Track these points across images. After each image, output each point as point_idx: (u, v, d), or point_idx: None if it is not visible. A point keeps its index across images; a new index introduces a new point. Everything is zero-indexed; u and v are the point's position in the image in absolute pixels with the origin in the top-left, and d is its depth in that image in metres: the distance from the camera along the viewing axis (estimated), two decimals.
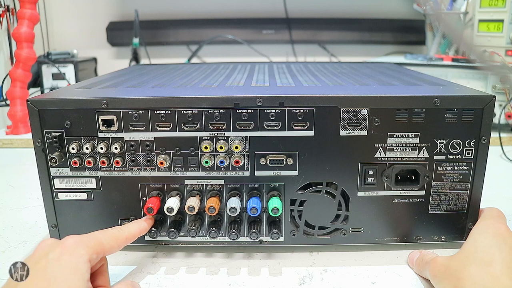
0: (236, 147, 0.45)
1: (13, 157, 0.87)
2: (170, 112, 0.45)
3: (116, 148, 0.45)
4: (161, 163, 0.45)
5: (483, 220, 0.44)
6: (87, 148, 0.45)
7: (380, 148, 0.46)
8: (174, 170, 0.47)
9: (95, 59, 1.32)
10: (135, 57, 1.24)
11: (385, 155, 0.46)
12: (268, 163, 0.46)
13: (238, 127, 0.45)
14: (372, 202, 0.47)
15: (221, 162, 0.46)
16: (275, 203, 0.45)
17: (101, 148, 0.45)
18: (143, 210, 0.47)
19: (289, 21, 1.35)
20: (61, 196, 0.48)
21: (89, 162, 0.46)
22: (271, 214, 0.45)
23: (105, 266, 0.41)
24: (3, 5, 1.04)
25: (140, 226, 0.45)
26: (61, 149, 0.46)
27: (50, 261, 0.34)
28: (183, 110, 0.45)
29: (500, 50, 0.92)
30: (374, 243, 0.49)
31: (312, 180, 0.47)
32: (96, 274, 0.40)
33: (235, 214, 0.45)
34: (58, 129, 0.45)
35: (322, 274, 0.45)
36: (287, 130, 0.45)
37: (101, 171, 0.47)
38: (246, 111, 0.44)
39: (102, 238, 0.39)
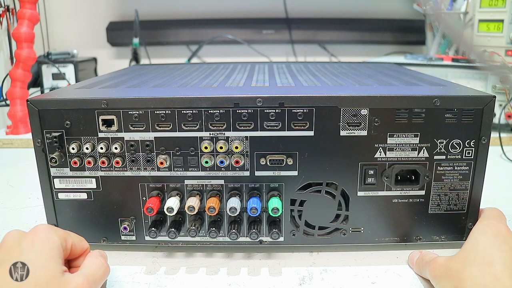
0: (236, 147, 0.45)
1: (13, 157, 0.87)
2: (170, 112, 0.45)
3: (116, 148, 0.45)
4: (161, 163, 0.45)
5: (483, 220, 0.44)
6: (87, 148, 0.45)
7: (380, 148, 0.46)
8: (174, 170, 0.47)
9: (95, 59, 1.32)
10: (135, 57, 1.24)
11: (385, 155, 0.46)
12: (268, 163, 0.46)
13: (238, 127, 0.45)
14: (372, 202, 0.47)
15: (221, 162, 0.46)
16: (275, 203, 0.45)
17: (101, 148, 0.45)
18: (143, 210, 0.47)
19: (289, 21, 1.35)
20: (61, 196, 0.48)
21: (89, 162, 0.46)
22: (271, 214, 0.45)
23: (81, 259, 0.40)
24: (3, 5, 1.04)
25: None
26: (61, 149, 0.46)
27: (24, 249, 0.35)
28: (183, 110, 0.45)
29: (500, 50, 0.92)
30: (374, 243, 0.49)
31: (312, 180, 0.47)
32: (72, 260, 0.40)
33: (235, 214, 0.45)
34: (58, 129, 0.45)
35: (322, 274, 0.45)
36: (287, 130, 0.45)
37: (101, 171, 0.47)
38: (246, 111, 0.44)
39: (69, 232, 0.40)
